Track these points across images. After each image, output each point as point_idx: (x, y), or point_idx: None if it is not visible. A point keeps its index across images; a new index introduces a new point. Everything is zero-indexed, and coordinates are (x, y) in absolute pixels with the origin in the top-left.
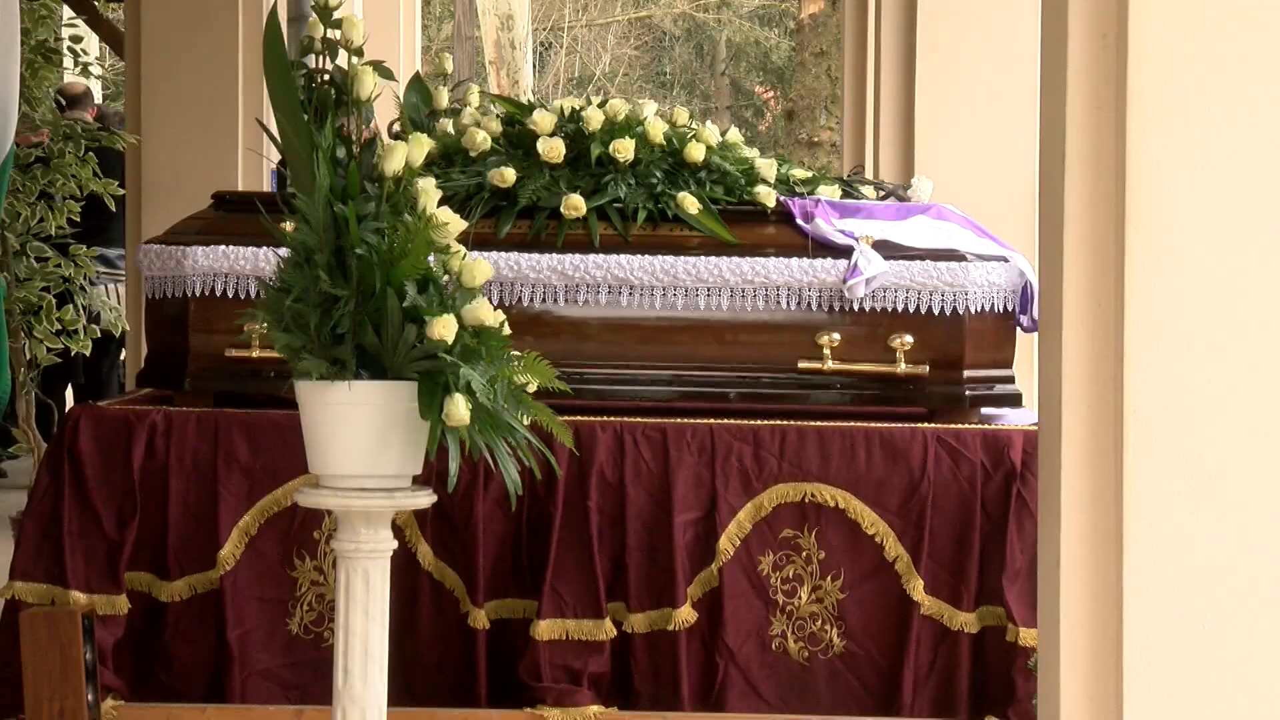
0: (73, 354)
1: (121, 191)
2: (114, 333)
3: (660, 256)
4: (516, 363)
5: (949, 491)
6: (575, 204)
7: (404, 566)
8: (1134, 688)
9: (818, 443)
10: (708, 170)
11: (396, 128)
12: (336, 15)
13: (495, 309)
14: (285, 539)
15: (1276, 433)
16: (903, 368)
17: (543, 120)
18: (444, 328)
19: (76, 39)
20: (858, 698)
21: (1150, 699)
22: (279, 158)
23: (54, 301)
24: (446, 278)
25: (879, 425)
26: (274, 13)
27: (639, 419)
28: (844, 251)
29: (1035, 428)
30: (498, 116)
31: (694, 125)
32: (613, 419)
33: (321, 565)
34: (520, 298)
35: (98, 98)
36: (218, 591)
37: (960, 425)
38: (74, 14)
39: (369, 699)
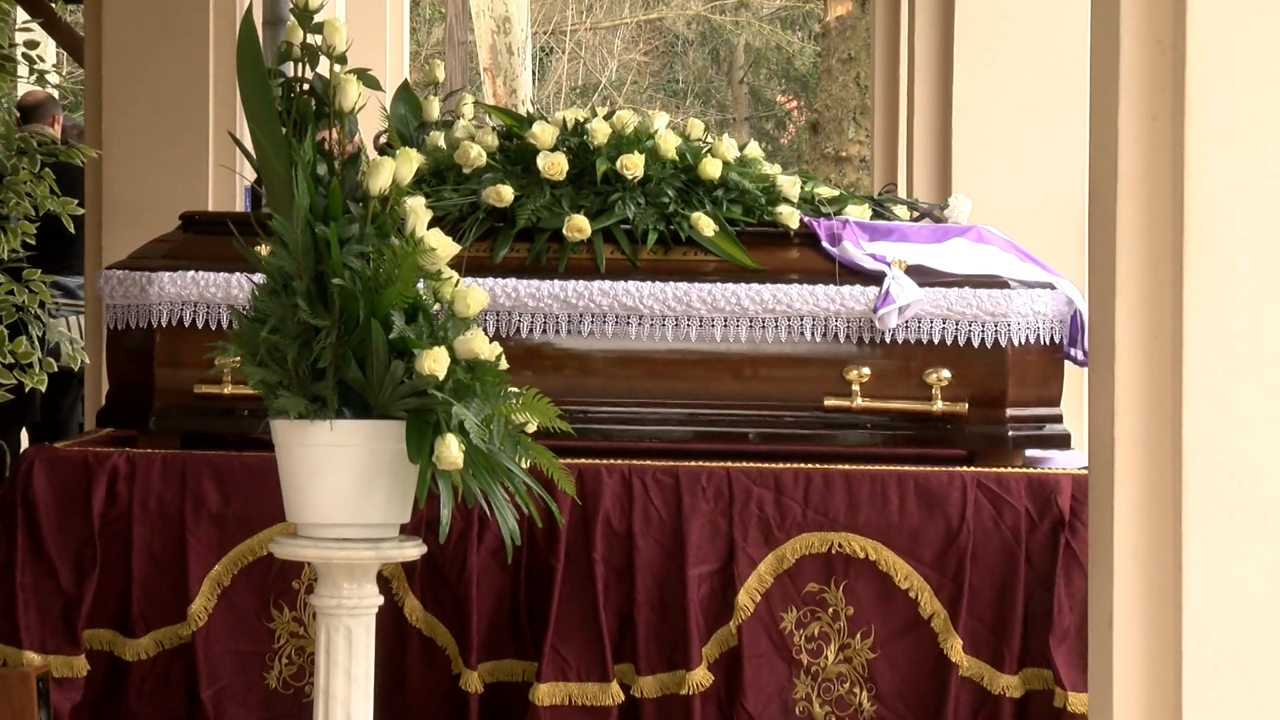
0: (27, 390)
1: (81, 211)
2: (73, 367)
3: (672, 283)
4: (514, 400)
5: (990, 541)
6: (579, 225)
7: (391, 623)
8: None
9: (845, 488)
10: (724, 188)
11: (383, 141)
12: (317, 19)
13: (491, 341)
14: (261, 589)
15: None
16: (939, 405)
17: (543, 133)
18: (435, 361)
19: (32, 44)
20: None
21: None
22: (254, 175)
23: (5, 333)
24: (437, 307)
25: (913, 469)
26: (249, 16)
27: (649, 461)
28: (874, 277)
29: (1085, 471)
30: (494, 129)
31: (709, 138)
32: (620, 462)
33: (301, 616)
34: (519, 328)
35: None
36: (188, 647)
37: (1003, 469)
38: (29, 17)
39: None
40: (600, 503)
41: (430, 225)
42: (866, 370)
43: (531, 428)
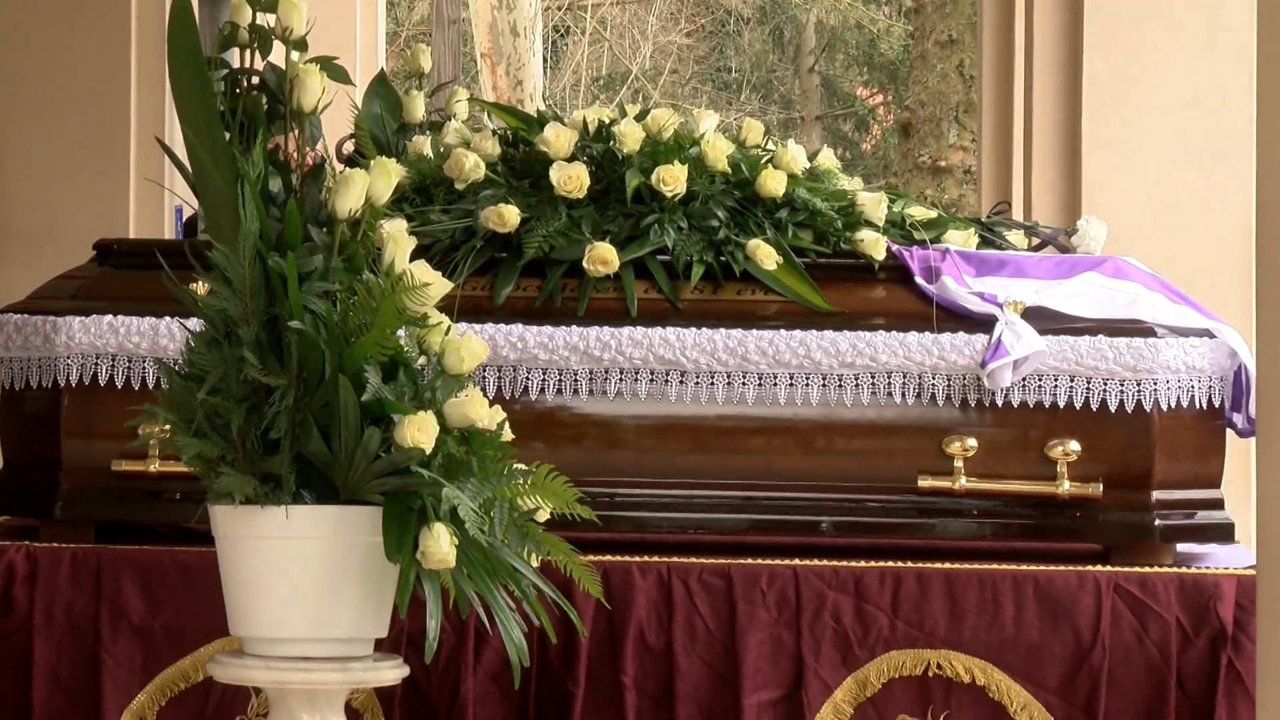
0: None
1: None
2: None
3: (723, 330)
4: (521, 480)
5: (1132, 661)
6: (604, 256)
7: None
8: None
9: (946, 593)
10: (790, 208)
11: (353, 149)
12: None
13: (491, 404)
14: None
15: None
16: (1066, 487)
17: (557, 138)
18: (419, 431)
19: None
20: None
21: None
22: (188, 192)
23: None
24: (423, 360)
25: (1032, 568)
26: None
27: (693, 559)
28: (982, 323)
29: (1252, 572)
30: (494, 132)
31: (771, 144)
32: (657, 559)
33: None
34: (527, 387)
35: None
36: None
37: (1147, 568)
38: None
39: None
40: (632, 611)
41: (413, 256)
42: (972, 442)
43: (543, 515)
